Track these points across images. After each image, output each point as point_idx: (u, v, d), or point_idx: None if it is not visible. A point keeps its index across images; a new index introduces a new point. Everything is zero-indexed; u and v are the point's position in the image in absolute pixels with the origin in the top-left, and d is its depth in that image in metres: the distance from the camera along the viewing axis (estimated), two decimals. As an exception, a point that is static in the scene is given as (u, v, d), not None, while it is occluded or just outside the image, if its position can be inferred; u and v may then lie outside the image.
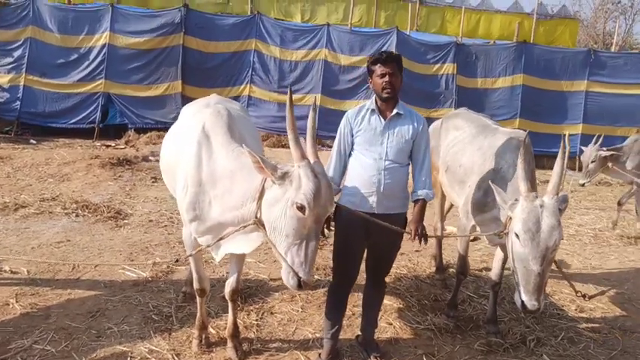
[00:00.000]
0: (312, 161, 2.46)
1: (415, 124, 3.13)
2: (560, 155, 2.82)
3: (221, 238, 2.76)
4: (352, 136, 3.14)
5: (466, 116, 4.29)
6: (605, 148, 6.49)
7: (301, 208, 2.31)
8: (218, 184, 2.76)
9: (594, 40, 22.92)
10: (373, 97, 3.18)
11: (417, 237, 3.06)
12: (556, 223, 2.71)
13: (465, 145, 3.88)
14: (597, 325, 3.99)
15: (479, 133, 3.88)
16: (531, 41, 13.05)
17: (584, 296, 3.02)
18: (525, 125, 11.55)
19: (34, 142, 10.47)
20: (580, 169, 10.03)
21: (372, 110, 3.12)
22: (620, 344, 3.69)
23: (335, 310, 3.24)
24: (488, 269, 5.05)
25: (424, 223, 3.14)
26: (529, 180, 2.83)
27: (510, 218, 2.89)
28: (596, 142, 6.52)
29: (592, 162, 6.36)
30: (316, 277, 4.51)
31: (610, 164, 6.43)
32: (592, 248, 5.97)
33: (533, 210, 2.74)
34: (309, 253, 2.34)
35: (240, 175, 2.67)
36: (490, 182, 3.01)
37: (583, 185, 6.67)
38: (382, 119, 3.10)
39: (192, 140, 2.88)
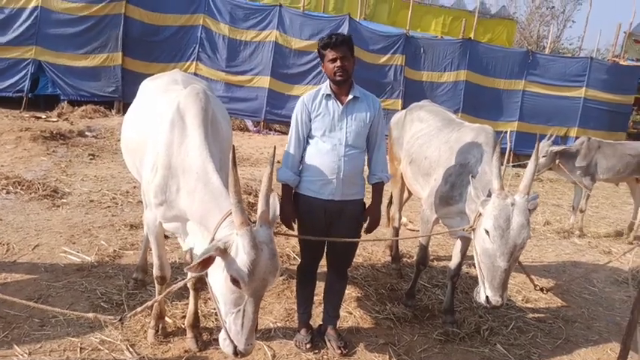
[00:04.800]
0: (258, 226, 2.18)
1: (372, 107, 3.12)
2: (533, 156, 2.89)
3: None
4: (310, 121, 3.07)
5: (431, 109, 4.33)
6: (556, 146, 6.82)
7: (235, 282, 2.11)
8: (186, 176, 2.57)
9: (528, 42, 24.11)
10: (327, 82, 3.11)
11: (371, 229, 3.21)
12: (525, 221, 2.78)
13: (430, 138, 3.91)
14: (542, 315, 4.21)
15: (445, 127, 3.92)
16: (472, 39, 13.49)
17: (542, 289, 3.15)
18: (466, 120, 11.92)
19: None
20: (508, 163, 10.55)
21: (328, 95, 3.06)
22: (564, 333, 3.90)
23: (305, 287, 3.34)
24: (439, 259, 5.18)
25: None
26: (502, 177, 2.89)
27: (480, 214, 2.94)
28: (549, 139, 6.81)
29: (543, 157, 6.64)
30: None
31: (557, 161, 6.76)
32: (531, 241, 6.25)
33: (505, 208, 2.80)
34: (247, 323, 2.16)
35: (199, 197, 2.47)
36: (470, 177, 3.04)
37: None
38: (339, 104, 3.05)
39: (165, 119, 2.68)
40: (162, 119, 2.73)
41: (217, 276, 2.22)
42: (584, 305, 4.49)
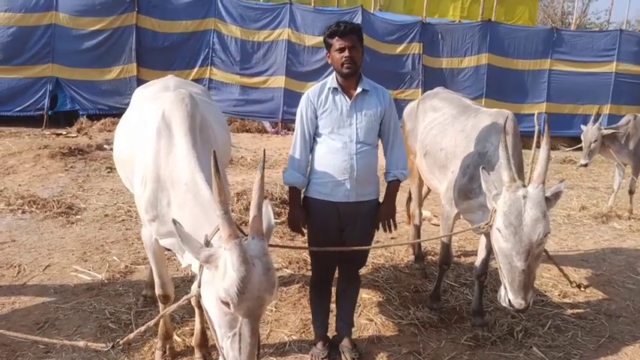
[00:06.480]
0: (249, 238, 1.95)
1: (382, 100, 2.88)
2: (545, 140, 2.59)
3: None
4: (316, 117, 2.85)
5: (444, 96, 4.04)
6: (604, 127, 6.43)
7: (225, 303, 1.88)
8: (176, 188, 2.39)
9: (552, 20, 23.18)
10: (333, 75, 2.87)
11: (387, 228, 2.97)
12: (540, 215, 2.49)
13: (445, 127, 3.63)
14: (582, 310, 3.87)
15: (460, 114, 3.63)
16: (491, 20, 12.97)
17: (579, 286, 2.86)
18: (491, 105, 11.50)
19: (-25, 132, 9.67)
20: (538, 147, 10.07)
21: (335, 89, 2.83)
22: (608, 330, 3.57)
23: (320, 300, 3.14)
24: (466, 255, 4.89)
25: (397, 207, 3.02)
26: (512, 167, 2.61)
27: (495, 210, 2.67)
28: (595, 121, 6.41)
29: (594, 142, 6.26)
30: (289, 271, 4.22)
31: (606, 144, 6.37)
32: (566, 229, 5.90)
33: (516, 202, 2.53)
34: (245, 347, 1.90)
35: (189, 210, 2.29)
36: (481, 169, 2.77)
37: (586, 165, 6.55)
38: (347, 98, 2.82)
39: (152, 128, 2.49)
40: (149, 128, 2.56)
41: (208, 295, 2.01)
42: (628, 297, 4.12)
